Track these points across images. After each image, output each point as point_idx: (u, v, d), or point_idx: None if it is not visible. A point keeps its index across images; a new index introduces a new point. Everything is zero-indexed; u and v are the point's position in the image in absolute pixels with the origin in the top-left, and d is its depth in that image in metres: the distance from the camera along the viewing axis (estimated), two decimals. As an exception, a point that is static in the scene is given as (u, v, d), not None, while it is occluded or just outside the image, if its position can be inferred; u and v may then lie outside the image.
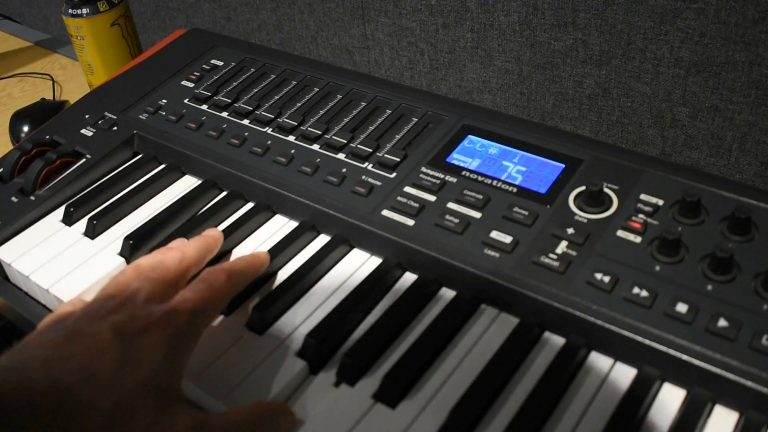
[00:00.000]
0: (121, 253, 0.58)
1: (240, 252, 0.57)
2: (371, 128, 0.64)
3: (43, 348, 0.39)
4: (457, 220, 0.53)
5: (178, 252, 0.49)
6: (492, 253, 0.51)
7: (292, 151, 0.63)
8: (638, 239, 0.50)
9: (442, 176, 0.57)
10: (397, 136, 0.62)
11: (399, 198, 0.56)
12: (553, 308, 0.47)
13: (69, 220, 0.62)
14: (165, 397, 0.40)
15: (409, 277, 0.54)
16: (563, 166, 0.57)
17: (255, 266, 0.51)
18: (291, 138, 0.64)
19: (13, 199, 0.64)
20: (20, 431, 0.35)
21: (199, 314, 0.44)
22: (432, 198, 0.56)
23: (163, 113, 0.70)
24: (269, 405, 0.44)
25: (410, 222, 0.54)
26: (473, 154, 0.59)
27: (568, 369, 0.45)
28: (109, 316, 0.42)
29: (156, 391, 0.39)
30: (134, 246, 0.58)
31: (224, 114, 0.69)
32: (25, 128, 0.88)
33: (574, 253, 0.50)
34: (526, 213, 0.53)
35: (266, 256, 0.53)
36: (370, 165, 0.60)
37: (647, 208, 0.52)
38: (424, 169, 0.58)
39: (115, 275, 0.47)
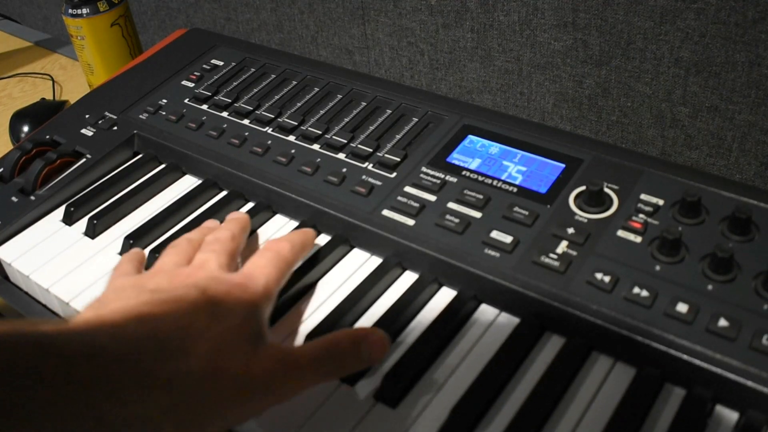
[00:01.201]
0: (121, 253, 0.58)
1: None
2: (371, 128, 0.64)
3: (132, 305, 0.41)
4: (457, 220, 0.53)
5: (227, 231, 0.52)
6: (492, 253, 0.51)
7: (293, 151, 0.63)
8: (638, 239, 0.50)
9: (442, 176, 0.57)
10: (398, 136, 0.62)
11: (399, 198, 0.56)
12: (553, 308, 0.47)
13: (69, 219, 0.62)
14: (255, 338, 0.42)
15: (409, 277, 0.54)
16: (563, 166, 0.57)
17: (308, 238, 0.54)
18: (291, 138, 0.64)
19: (14, 198, 0.64)
20: (124, 379, 0.36)
21: (271, 279, 0.47)
22: (432, 198, 0.56)
23: (164, 113, 0.70)
24: (353, 332, 0.45)
25: (410, 222, 0.54)
26: (473, 154, 0.59)
27: (568, 369, 0.45)
28: (188, 279, 0.45)
29: (246, 335, 0.42)
30: (134, 246, 0.58)
31: (224, 114, 0.69)
32: (25, 128, 0.88)
33: (574, 252, 0.50)
34: (527, 213, 0.53)
35: (313, 232, 0.56)
36: (371, 165, 0.60)
37: (647, 208, 0.52)
38: (424, 169, 0.58)
39: (168, 247, 0.51)
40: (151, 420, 0.37)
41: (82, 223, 0.62)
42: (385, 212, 0.55)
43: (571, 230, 0.51)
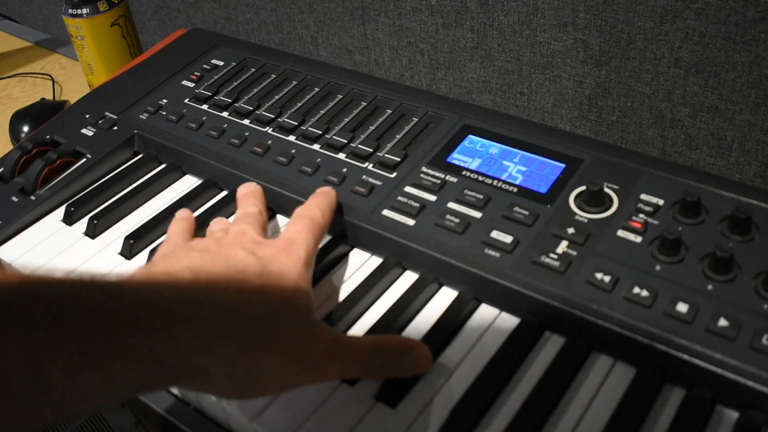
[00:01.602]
0: (121, 253, 0.58)
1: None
2: (371, 128, 0.64)
3: (184, 263, 0.42)
4: (457, 220, 0.53)
5: (254, 207, 0.53)
6: (492, 252, 0.51)
7: (293, 151, 0.63)
8: (638, 239, 0.50)
9: (442, 176, 0.57)
10: (398, 136, 0.62)
11: (399, 198, 0.56)
12: (553, 308, 0.47)
13: (69, 219, 0.62)
14: (307, 314, 0.43)
15: (409, 277, 0.54)
16: (563, 166, 0.57)
17: (332, 198, 0.55)
18: (291, 138, 0.64)
19: (14, 198, 0.64)
20: (184, 325, 0.37)
21: (309, 243, 0.48)
22: (432, 198, 0.56)
23: (164, 113, 0.70)
24: (404, 342, 0.46)
25: (410, 222, 0.54)
26: (473, 154, 0.59)
27: (568, 369, 0.45)
28: (235, 241, 0.46)
29: (300, 306, 0.43)
30: (134, 246, 0.58)
31: (225, 114, 0.69)
32: (25, 128, 0.88)
33: (574, 252, 0.50)
34: (527, 213, 0.53)
35: (333, 191, 0.56)
36: (371, 165, 0.60)
37: (647, 208, 0.52)
38: (424, 169, 0.58)
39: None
40: (206, 369, 0.38)
41: (82, 223, 0.62)
42: (385, 212, 0.55)
43: (571, 230, 0.51)
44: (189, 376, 0.38)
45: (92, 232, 0.60)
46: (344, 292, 0.52)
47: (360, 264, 0.55)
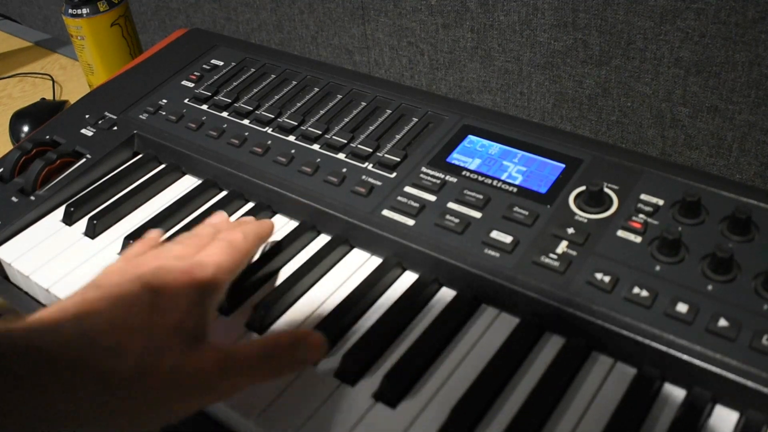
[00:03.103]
0: (121, 253, 0.58)
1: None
2: (371, 128, 0.64)
3: (75, 304, 0.41)
4: (457, 220, 0.53)
5: (212, 228, 0.52)
6: (492, 252, 0.51)
7: (292, 151, 0.63)
8: (638, 239, 0.50)
9: (442, 176, 0.57)
10: (397, 136, 0.62)
11: (399, 198, 0.56)
12: (553, 308, 0.47)
13: (69, 220, 0.62)
14: (192, 337, 0.42)
15: (409, 277, 0.54)
16: (563, 166, 0.57)
17: (264, 228, 0.54)
18: (291, 138, 0.64)
19: (13, 199, 0.64)
20: (56, 383, 0.37)
21: (221, 268, 0.46)
22: (432, 198, 0.56)
23: (163, 113, 0.70)
24: (293, 333, 0.45)
25: (410, 222, 0.54)
26: (473, 154, 0.59)
27: (568, 369, 0.45)
28: (137, 270, 0.45)
29: (184, 333, 0.41)
30: (134, 246, 0.58)
31: (224, 114, 0.69)
32: (25, 128, 0.88)
33: (574, 253, 0.50)
34: (527, 213, 0.53)
35: (271, 223, 0.56)
36: (370, 165, 0.60)
37: (647, 208, 0.52)
38: (424, 169, 0.58)
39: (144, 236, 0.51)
40: (83, 415, 0.38)
41: (82, 223, 0.62)
42: (385, 212, 0.55)
43: (571, 230, 0.51)
44: (66, 423, 0.37)
45: (92, 232, 0.60)
46: (344, 292, 0.52)
47: (360, 264, 0.55)
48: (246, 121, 0.67)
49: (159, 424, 0.41)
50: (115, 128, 0.70)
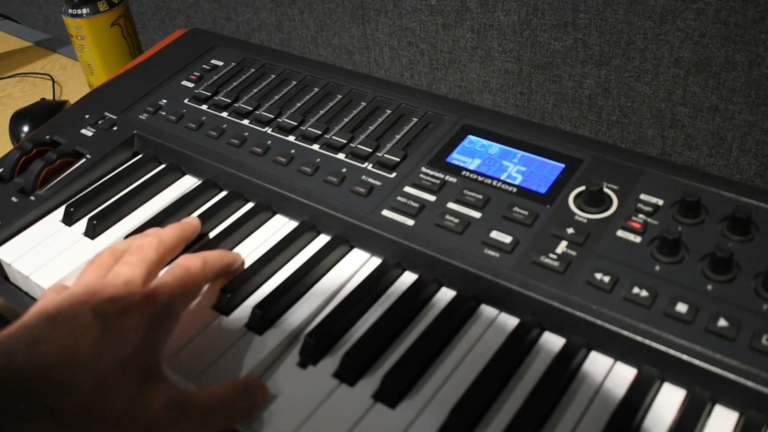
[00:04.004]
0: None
1: (239, 251, 0.57)
2: (371, 128, 0.64)
3: (26, 331, 0.40)
4: (457, 220, 0.53)
5: (155, 237, 0.50)
6: (492, 253, 0.51)
7: (292, 151, 0.63)
8: (638, 239, 0.50)
9: (442, 176, 0.57)
10: (397, 136, 0.62)
11: (399, 198, 0.56)
12: (553, 308, 0.47)
13: (69, 220, 0.62)
14: (145, 375, 0.41)
15: (409, 277, 0.54)
16: (563, 166, 0.57)
17: (228, 258, 0.53)
18: (291, 138, 0.64)
19: (13, 199, 0.64)
20: (5, 409, 0.37)
21: (177, 297, 0.45)
22: (432, 198, 0.56)
23: (163, 113, 0.70)
24: (244, 381, 0.45)
25: (410, 222, 0.54)
26: (473, 154, 0.59)
27: (568, 369, 0.45)
28: (89, 299, 0.43)
29: (136, 370, 0.41)
30: (134, 246, 0.58)
31: (224, 114, 0.69)
32: (25, 128, 0.88)
33: (574, 253, 0.50)
34: (526, 213, 0.53)
35: (236, 254, 0.55)
36: (370, 165, 0.60)
37: (647, 208, 0.52)
38: (424, 169, 0.58)
39: (91, 259, 0.49)
40: None
41: (82, 224, 0.61)
42: (385, 212, 0.55)
43: (570, 230, 0.51)
44: None
45: (92, 232, 0.60)
46: (344, 292, 0.52)
47: (360, 264, 0.55)
48: (246, 121, 0.67)
49: None
50: (115, 128, 0.70)
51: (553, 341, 0.48)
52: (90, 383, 0.39)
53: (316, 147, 0.63)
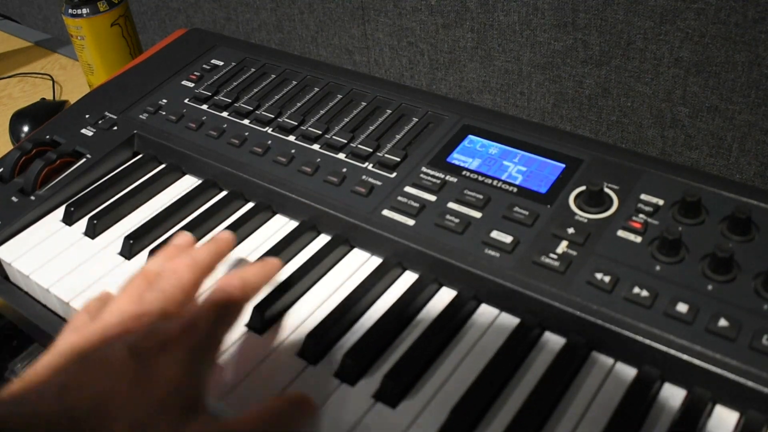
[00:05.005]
0: (121, 253, 0.58)
1: (239, 252, 0.57)
2: (371, 128, 0.64)
3: (57, 375, 0.38)
4: (457, 220, 0.53)
5: (189, 258, 0.46)
6: (492, 252, 0.51)
7: (292, 151, 0.63)
8: (638, 239, 0.50)
9: (442, 176, 0.57)
10: (398, 136, 0.62)
11: (399, 198, 0.56)
12: (553, 308, 0.47)
13: (69, 219, 0.62)
14: (186, 410, 0.38)
15: (409, 276, 0.54)
16: (563, 166, 0.57)
17: (268, 272, 0.48)
18: (291, 138, 0.64)
19: (13, 199, 0.64)
20: None
21: (218, 325, 0.42)
22: (432, 198, 0.56)
23: (163, 113, 0.70)
24: (285, 398, 0.42)
25: (410, 222, 0.54)
26: (473, 154, 0.59)
27: (568, 369, 0.45)
28: (123, 335, 0.40)
29: (177, 408, 0.38)
30: (134, 246, 0.58)
31: (224, 114, 0.69)
32: (25, 128, 0.88)
33: (574, 252, 0.50)
34: (527, 213, 0.53)
35: (278, 262, 0.50)
36: (371, 165, 0.60)
37: (647, 208, 0.52)
38: (424, 169, 0.58)
39: (122, 286, 0.45)
40: None
41: (82, 223, 0.61)
42: (385, 212, 0.55)
43: (571, 230, 0.51)
44: None
45: (92, 232, 0.60)
46: (344, 292, 0.52)
47: (360, 264, 0.55)
48: (246, 121, 0.67)
49: None
50: (115, 128, 0.70)
51: (553, 341, 0.48)
52: (125, 426, 0.35)
53: (316, 147, 0.63)
